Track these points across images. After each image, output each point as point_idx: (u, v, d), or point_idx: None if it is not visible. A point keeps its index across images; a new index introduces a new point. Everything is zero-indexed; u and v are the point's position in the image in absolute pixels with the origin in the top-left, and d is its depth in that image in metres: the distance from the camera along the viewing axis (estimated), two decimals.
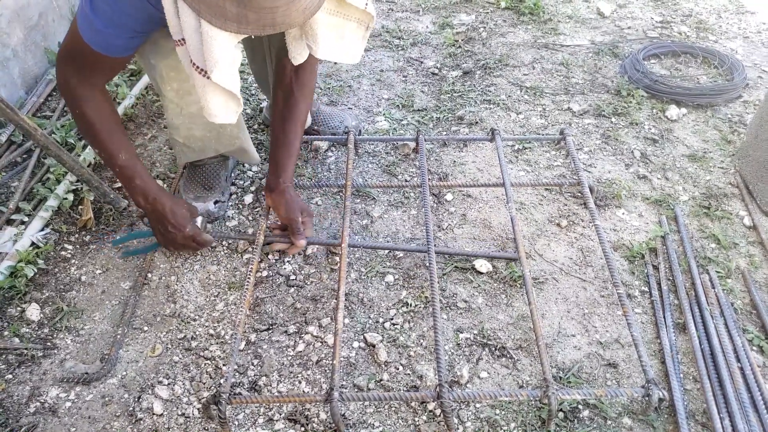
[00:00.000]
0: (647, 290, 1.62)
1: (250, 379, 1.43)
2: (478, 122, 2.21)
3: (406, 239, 1.77)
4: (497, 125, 2.19)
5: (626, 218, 1.84)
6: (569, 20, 2.86)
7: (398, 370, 1.45)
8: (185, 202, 1.63)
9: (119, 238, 1.72)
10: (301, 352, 1.48)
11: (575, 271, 1.68)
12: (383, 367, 1.45)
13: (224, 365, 1.45)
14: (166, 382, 1.42)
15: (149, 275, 1.67)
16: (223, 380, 1.26)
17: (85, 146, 2.02)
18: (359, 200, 1.89)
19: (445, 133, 2.17)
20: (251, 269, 1.48)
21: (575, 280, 1.66)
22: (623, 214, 1.85)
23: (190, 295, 1.62)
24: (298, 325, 1.54)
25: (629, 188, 1.94)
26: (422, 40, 2.71)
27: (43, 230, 1.75)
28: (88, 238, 1.77)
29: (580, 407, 1.37)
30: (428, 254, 1.52)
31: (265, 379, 1.42)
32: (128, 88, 2.29)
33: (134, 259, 1.71)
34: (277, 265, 1.70)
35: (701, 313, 1.53)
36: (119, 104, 2.19)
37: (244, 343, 1.50)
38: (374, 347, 1.48)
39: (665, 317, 1.54)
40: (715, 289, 1.59)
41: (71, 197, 1.83)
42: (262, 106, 2.22)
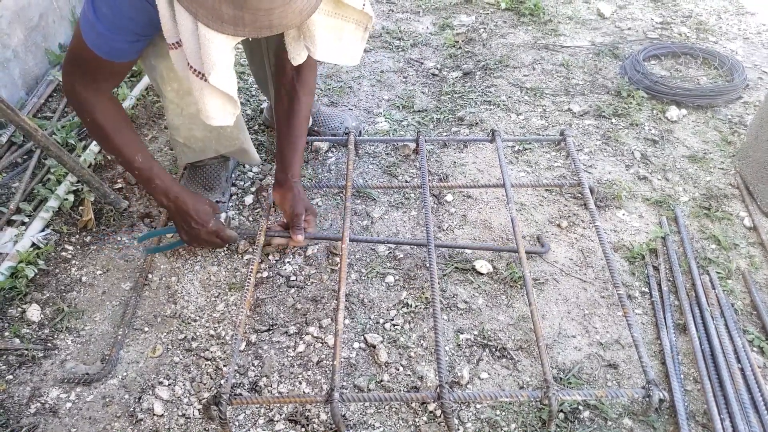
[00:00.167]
0: (647, 291, 1.62)
1: (250, 379, 1.43)
2: (478, 123, 2.21)
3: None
4: (497, 126, 2.19)
5: (626, 219, 1.84)
6: (569, 21, 2.86)
7: (399, 370, 1.45)
8: (207, 199, 1.63)
9: (143, 235, 1.73)
10: (301, 352, 1.48)
11: (576, 271, 1.68)
12: (384, 367, 1.45)
13: (225, 366, 1.45)
14: (166, 382, 1.42)
15: (150, 276, 1.67)
16: (223, 381, 1.26)
17: (85, 147, 2.02)
18: (359, 201, 1.89)
19: (445, 134, 2.17)
20: (252, 270, 1.48)
21: (576, 280, 1.66)
22: (623, 215, 1.85)
23: (190, 295, 1.62)
24: (298, 325, 1.54)
25: (629, 189, 1.94)
26: (422, 41, 2.71)
27: (43, 231, 1.75)
28: (88, 238, 1.77)
29: (580, 408, 1.37)
30: (428, 249, 1.52)
31: (265, 379, 1.42)
32: (128, 89, 2.30)
33: (135, 259, 1.71)
34: (277, 265, 1.70)
35: (702, 313, 1.53)
36: None
37: (244, 343, 1.50)
38: (375, 348, 1.48)
39: (666, 318, 1.54)
40: (715, 289, 1.59)
41: (72, 198, 1.83)
42: (262, 107, 2.22)
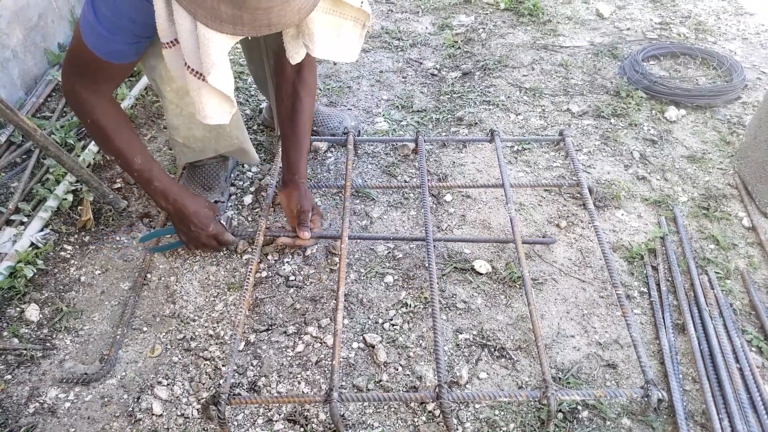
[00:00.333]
0: (646, 291, 1.62)
1: (249, 379, 1.43)
2: (477, 123, 2.21)
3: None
4: (496, 126, 2.19)
5: (625, 219, 1.84)
6: (568, 21, 2.86)
7: (397, 370, 1.45)
8: (207, 201, 1.63)
9: (145, 234, 1.73)
10: (300, 352, 1.48)
11: (574, 271, 1.68)
12: (382, 367, 1.45)
13: (223, 366, 1.45)
14: (165, 382, 1.42)
15: (148, 276, 1.67)
16: (222, 381, 1.26)
17: (84, 147, 2.02)
18: (358, 201, 1.89)
19: (444, 134, 2.17)
20: (251, 270, 1.48)
21: (574, 280, 1.66)
22: (622, 215, 1.86)
23: (189, 295, 1.62)
24: (297, 325, 1.54)
25: (628, 189, 1.94)
26: (422, 41, 2.72)
27: (42, 231, 1.75)
28: (87, 238, 1.77)
29: (579, 408, 1.37)
30: (427, 249, 1.52)
31: (264, 379, 1.42)
32: (127, 89, 2.29)
33: (133, 259, 1.71)
34: (276, 265, 1.70)
35: (700, 313, 1.53)
36: None
37: (243, 343, 1.50)
38: (374, 348, 1.48)
39: (664, 318, 1.54)
40: (714, 289, 1.59)
41: (71, 198, 1.83)
42: (261, 107, 2.22)
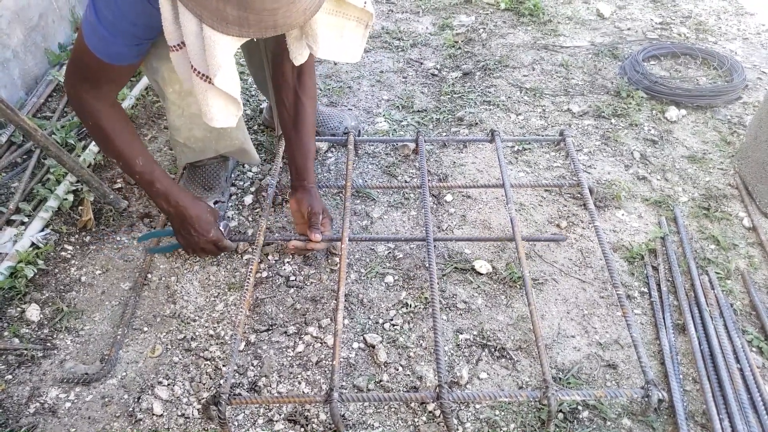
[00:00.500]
0: (647, 291, 1.62)
1: (249, 379, 1.43)
2: (477, 123, 2.21)
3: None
4: (497, 126, 2.19)
5: (626, 219, 1.84)
6: (569, 21, 2.86)
7: (398, 370, 1.45)
8: (208, 205, 1.63)
9: (143, 235, 1.73)
10: (300, 352, 1.48)
11: (575, 272, 1.68)
12: (383, 367, 1.45)
13: (224, 366, 1.45)
14: (165, 382, 1.42)
15: (149, 276, 1.67)
16: (222, 381, 1.26)
17: (84, 147, 2.02)
18: (359, 201, 1.89)
19: (444, 134, 2.17)
20: (251, 270, 1.48)
21: (575, 281, 1.66)
22: (623, 215, 1.86)
23: (189, 295, 1.62)
24: (297, 325, 1.54)
25: (629, 189, 1.94)
26: (422, 41, 2.72)
27: (43, 231, 1.75)
28: (88, 238, 1.77)
29: (579, 408, 1.37)
30: (428, 249, 1.52)
31: (264, 379, 1.42)
32: (128, 89, 2.30)
33: (134, 259, 1.71)
34: (276, 265, 1.70)
35: (701, 314, 1.53)
36: None
37: (243, 343, 1.50)
38: (374, 348, 1.48)
39: (665, 318, 1.54)
40: (714, 290, 1.59)
41: (71, 198, 1.83)
42: (261, 107, 2.22)
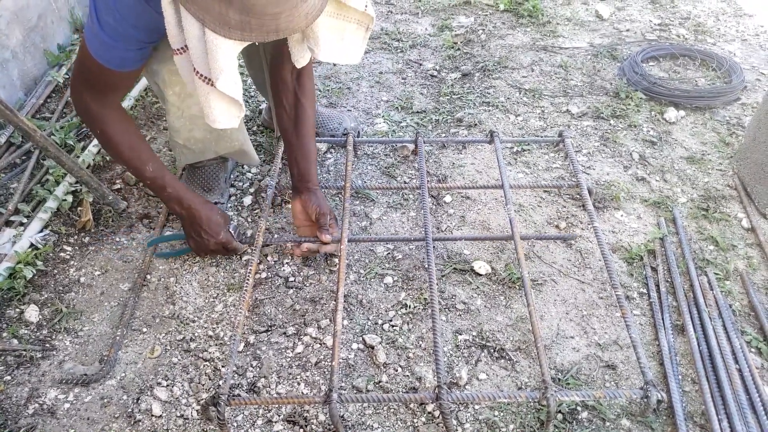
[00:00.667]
0: (646, 292, 1.62)
1: (248, 380, 1.43)
2: (476, 124, 2.21)
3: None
4: (496, 127, 2.20)
5: (625, 220, 1.84)
6: (568, 23, 2.86)
7: (397, 371, 1.45)
8: (218, 208, 1.64)
9: (154, 239, 1.73)
10: (300, 353, 1.48)
11: (574, 272, 1.68)
12: (382, 368, 1.45)
13: (223, 366, 1.45)
14: (164, 383, 1.42)
15: (148, 277, 1.67)
16: (221, 381, 1.26)
17: (83, 148, 2.02)
18: (358, 202, 1.89)
19: (444, 135, 2.17)
20: (250, 271, 1.48)
21: (574, 281, 1.66)
22: (622, 216, 1.86)
23: (189, 296, 1.62)
24: (297, 326, 1.54)
25: (628, 190, 1.94)
26: (421, 42, 2.72)
27: (42, 231, 1.75)
28: (87, 239, 1.77)
29: (578, 409, 1.37)
30: (427, 249, 1.52)
31: (264, 380, 1.42)
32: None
33: (133, 260, 1.71)
34: (276, 266, 1.70)
35: (699, 314, 1.53)
36: None
37: (242, 344, 1.50)
38: (373, 349, 1.48)
39: (664, 319, 1.54)
40: (713, 290, 1.60)
41: (70, 198, 1.83)
42: (260, 107, 2.23)
